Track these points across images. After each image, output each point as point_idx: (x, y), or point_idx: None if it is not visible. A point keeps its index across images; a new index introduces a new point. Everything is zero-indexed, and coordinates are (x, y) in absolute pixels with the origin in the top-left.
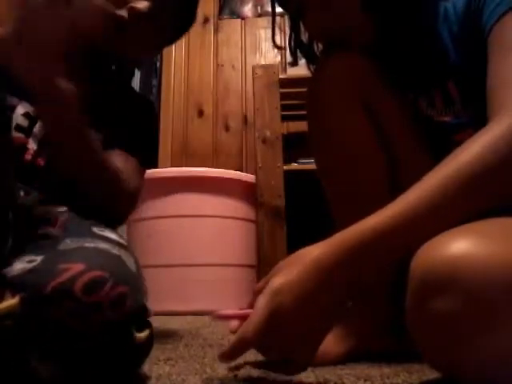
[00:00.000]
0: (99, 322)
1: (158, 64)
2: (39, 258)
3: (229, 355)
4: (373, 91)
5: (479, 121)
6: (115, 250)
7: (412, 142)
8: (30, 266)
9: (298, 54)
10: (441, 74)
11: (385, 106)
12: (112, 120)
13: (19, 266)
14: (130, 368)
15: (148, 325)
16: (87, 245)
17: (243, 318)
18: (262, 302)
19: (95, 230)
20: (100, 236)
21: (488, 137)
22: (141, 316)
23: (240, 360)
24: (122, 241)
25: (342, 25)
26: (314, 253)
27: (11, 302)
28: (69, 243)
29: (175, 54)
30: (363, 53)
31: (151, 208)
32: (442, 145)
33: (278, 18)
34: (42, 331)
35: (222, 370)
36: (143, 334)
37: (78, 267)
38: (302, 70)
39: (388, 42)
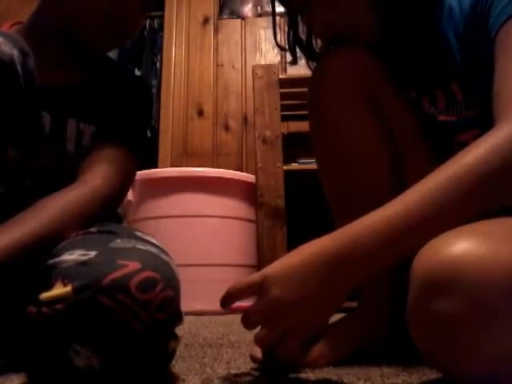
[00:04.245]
0: (146, 320)
1: (157, 64)
2: (93, 253)
3: (224, 299)
4: (377, 87)
5: (483, 121)
6: (163, 256)
7: (416, 141)
8: (84, 258)
9: (298, 52)
10: (445, 73)
11: (389, 103)
12: (105, 107)
13: (70, 257)
14: (154, 371)
15: (176, 336)
16: (140, 247)
17: None
18: (252, 275)
19: (139, 234)
20: (147, 241)
21: (493, 140)
22: (177, 322)
23: (240, 364)
24: (164, 248)
25: (346, 22)
26: (312, 247)
27: (64, 289)
28: (119, 242)
29: (175, 54)
30: (367, 49)
31: (151, 208)
32: (445, 144)
33: (277, 18)
34: (89, 318)
35: (221, 369)
36: (176, 342)
37: (134, 265)
38: (302, 69)
39: (392, 39)
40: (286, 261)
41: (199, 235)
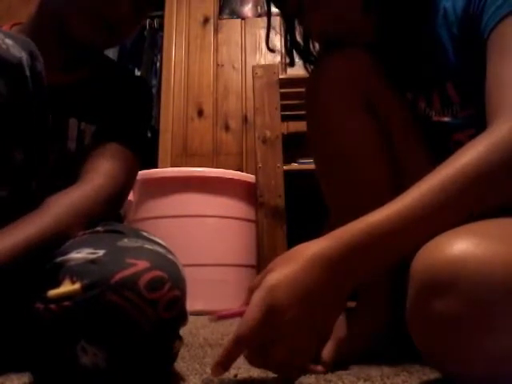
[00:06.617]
0: (153, 319)
1: (158, 64)
2: (101, 251)
3: (225, 361)
4: (374, 88)
5: (478, 121)
6: (170, 256)
7: (413, 141)
8: (93, 256)
9: (295, 54)
10: (440, 75)
11: (386, 104)
12: (105, 107)
13: (79, 256)
14: (157, 371)
15: (181, 337)
16: (148, 246)
17: (242, 315)
18: (257, 298)
19: (145, 234)
20: (154, 241)
21: (489, 139)
22: (182, 323)
23: (240, 364)
24: (170, 248)
25: (341, 24)
26: (311, 249)
27: (72, 287)
28: (127, 241)
29: (175, 54)
30: (364, 50)
31: (151, 208)
32: (442, 144)
33: (277, 19)
34: (97, 316)
35: None
36: (180, 343)
37: (143, 264)
38: (301, 70)
39: (387, 41)
40: (289, 272)
41: (199, 235)
